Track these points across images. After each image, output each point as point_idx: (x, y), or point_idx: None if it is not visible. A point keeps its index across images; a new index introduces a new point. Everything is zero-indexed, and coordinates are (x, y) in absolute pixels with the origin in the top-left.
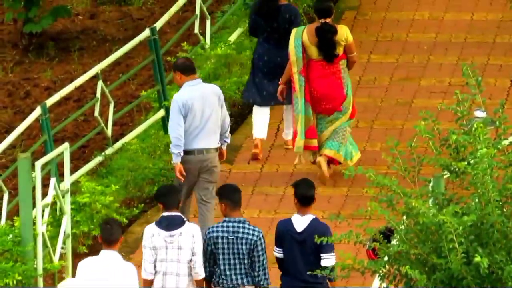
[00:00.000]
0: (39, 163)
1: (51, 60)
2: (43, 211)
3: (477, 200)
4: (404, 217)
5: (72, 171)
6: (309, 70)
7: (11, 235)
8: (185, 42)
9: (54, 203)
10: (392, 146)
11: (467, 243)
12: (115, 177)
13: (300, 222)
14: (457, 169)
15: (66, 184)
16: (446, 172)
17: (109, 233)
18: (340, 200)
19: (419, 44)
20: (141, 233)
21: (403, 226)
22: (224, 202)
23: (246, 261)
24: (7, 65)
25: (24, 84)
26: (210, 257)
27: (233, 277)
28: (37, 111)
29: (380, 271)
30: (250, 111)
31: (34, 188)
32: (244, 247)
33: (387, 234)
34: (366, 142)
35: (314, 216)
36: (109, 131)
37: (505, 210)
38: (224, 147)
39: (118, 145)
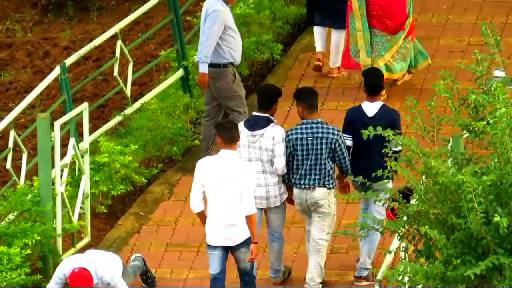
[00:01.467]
0: (58, 123)
1: (70, 20)
2: (62, 171)
3: (496, 159)
4: (423, 177)
5: (91, 131)
6: None
7: (30, 195)
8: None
9: (73, 163)
10: (411, 106)
11: (487, 203)
12: (134, 136)
13: (371, 108)
14: (476, 129)
15: (85, 144)
16: (465, 131)
17: (229, 133)
18: None
19: (438, 3)
20: (159, 193)
21: (422, 186)
22: (300, 105)
23: (324, 161)
24: (26, 25)
25: (43, 43)
26: (289, 160)
27: (310, 177)
28: (56, 71)
29: (399, 231)
30: (269, 71)
31: (53, 148)
32: (324, 146)
33: (406, 193)
34: (384, 101)
35: (383, 103)
36: (128, 91)
37: None
38: None
39: (137, 104)
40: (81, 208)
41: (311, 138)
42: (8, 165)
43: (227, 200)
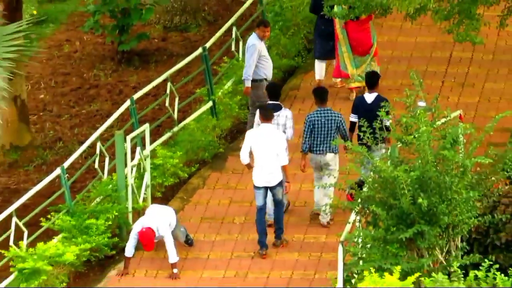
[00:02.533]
0: (129, 137)
1: (136, 69)
2: (132, 169)
3: (419, 161)
4: (371, 173)
5: (151, 143)
6: (348, 28)
7: (110, 185)
8: (226, 57)
9: (139, 164)
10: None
11: (413, 190)
12: (179, 146)
13: (369, 97)
14: (406, 141)
15: (147, 151)
16: (399, 142)
17: (266, 113)
18: None
19: (381, 58)
20: (196, 183)
21: (370, 179)
22: (316, 99)
23: (332, 135)
24: (107, 72)
25: (118, 84)
26: (308, 134)
27: (323, 146)
28: (127, 103)
29: (356, 209)
30: None
31: (126, 154)
32: (332, 124)
33: (360, 184)
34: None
35: (377, 93)
36: (175, 116)
37: (438, 168)
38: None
39: (181, 125)
40: (144, 194)
41: (324, 120)
42: (96, 165)
43: (267, 156)
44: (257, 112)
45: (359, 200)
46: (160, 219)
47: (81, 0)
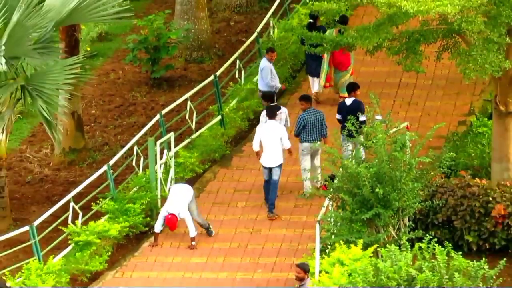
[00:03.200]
0: (159, 142)
1: (164, 91)
2: (160, 166)
3: (377, 160)
4: (340, 169)
5: (175, 146)
6: (334, 53)
7: (144, 178)
8: (231, 82)
9: (166, 162)
10: (335, 133)
11: (372, 182)
12: (196, 149)
13: (349, 101)
14: (367, 145)
15: (172, 153)
16: (361, 146)
17: (271, 113)
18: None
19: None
20: (209, 177)
21: (340, 173)
22: (302, 102)
23: (319, 128)
24: (142, 94)
25: (151, 103)
26: (302, 128)
27: (315, 136)
28: (157, 117)
29: (329, 196)
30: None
31: (156, 155)
32: (319, 120)
33: (332, 178)
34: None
35: (354, 98)
36: (193, 126)
37: (391, 165)
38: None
39: (197, 133)
40: (170, 184)
41: (313, 117)
42: (134, 163)
43: (272, 145)
44: (264, 112)
45: (332, 190)
46: (180, 204)
47: (124, 40)
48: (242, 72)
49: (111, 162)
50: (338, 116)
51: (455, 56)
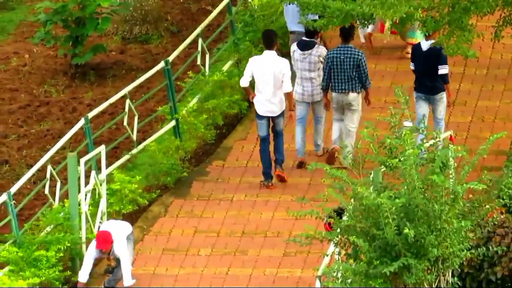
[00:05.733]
0: (83, 160)
1: (91, 84)
2: (86, 195)
3: (405, 187)
4: (352, 200)
5: (107, 166)
6: None
7: (62, 213)
8: (191, 71)
9: (94, 190)
10: (343, 147)
11: (398, 219)
12: (138, 170)
13: (425, 44)
14: (391, 165)
15: (103, 175)
16: (383, 166)
17: (268, 40)
18: (304, 187)
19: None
20: (157, 211)
21: (351, 206)
22: (340, 36)
23: (352, 74)
24: (59, 88)
25: (72, 102)
26: (327, 71)
27: (345, 85)
28: (81, 122)
29: (334, 240)
30: (238, 122)
31: (79, 178)
32: (352, 63)
33: (339, 212)
34: (324, 144)
35: (433, 41)
36: (134, 137)
37: (426, 195)
38: None
39: (141, 147)
40: (100, 222)
41: (343, 57)
42: (46, 191)
43: (270, 84)
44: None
45: (339, 230)
46: (116, 236)
47: (31, 9)
48: (207, 56)
49: (13, 189)
50: (412, 66)
51: None
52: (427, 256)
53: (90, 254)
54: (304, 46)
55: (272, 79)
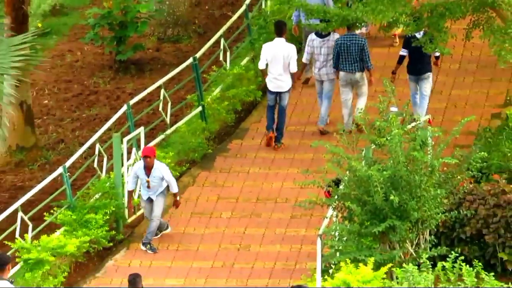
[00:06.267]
0: (125, 139)
1: (132, 77)
2: (128, 168)
3: (391, 161)
4: (347, 172)
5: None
6: None
7: (108, 183)
8: (214, 66)
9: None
10: (340, 129)
11: (386, 188)
12: (171, 147)
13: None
14: (379, 143)
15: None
16: (373, 144)
17: (279, 28)
18: (308, 161)
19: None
20: (186, 181)
21: (346, 177)
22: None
23: (358, 56)
24: (106, 80)
25: (116, 91)
26: (335, 54)
27: (352, 66)
28: (124, 108)
29: (333, 205)
30: (253, 108)
31: (122, 154)
32: (357, 47)
33: (337, 182)
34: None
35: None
36: (168, 120)
37: (409, 167)
38: None
39: (173, 128)
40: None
41: (349, 43)
42: (95, 164)
43: (279, 65)
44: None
45: (336, 197)
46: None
47: (82, 14)
48: (228, 53)
49: (68, 163)
50: (402, 52)
51: (487, 35)
52: (409, 218)
53: (133, 168)
54: (322, 34)
55: (281, 61)
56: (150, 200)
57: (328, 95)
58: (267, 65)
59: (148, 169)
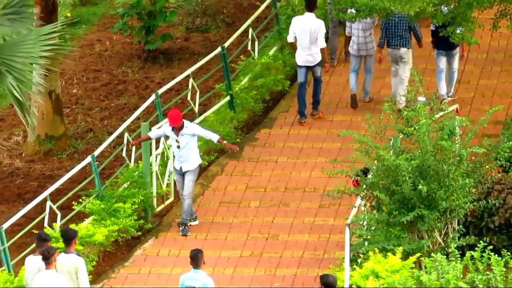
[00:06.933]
0: (154, 128)
1: (161, 66)
2: (156, 157)
3: (419, 151)
4: (376, 161)
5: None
6: None
7: (137, 172)
8: (242, 55)
9: (163, 153)
10: (368, 118)
11: (414, 177)
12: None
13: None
14: (407, 132)
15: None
16: (401, 134)
17: (309, 2)
18: (336, 151)
19: (384, 57)
20: (215, 171)
21: (375, 167)
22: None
23: (404, 33)
24: (134, 69)
25: (144, 80)
26: (384, 31)
27: (397, 41)
28: (153, 97)
29: (361, 194)
30: (281, 97)
31: (151, 144)
32: (405, 24)
33: (365, 172)
34: (352, 115)
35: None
36: (196, 109)
37: (437, 157)
38: None
39: (201, 117)
40: (168, 180)
41: (397, 20)
42: (124, 153)
43: (307, 39)
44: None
45: (365, 186)
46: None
47: (111, 4)
48: (256, 43)
49: (96, 152)
50: (433, 27)
51: None
52: (437, 208)
53: (163, 127)
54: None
55: (308, 35)
56: (182, 174)
57: (370, 69)
58: (296, 39)
59: (177, 129)
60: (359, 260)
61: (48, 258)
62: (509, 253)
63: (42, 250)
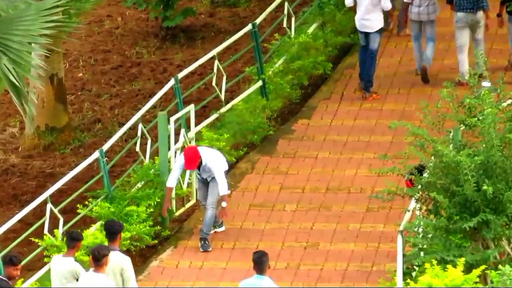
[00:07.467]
0: (173, 118)
1: (181, 46)
2: (176, 152)
3: (484, 145)
4: (432, 157)
5: (196, 124)
6: None
7: (153, 170)
8: (277, 33)
9: (183, 147)
10: (424, 107)
11: (477, 176)
12: (226, 128)
13: None
14: (470, 123)
15: (192, 133)
16: (462, 125)
17: None
18: (386, 144)
19: (443, 36)
20: (244, 168)
21: (431, 164)
22: None
23: None
24: (150, 50)
25: (162, 63)
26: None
27: (473, 3)
28: (172, 82)
29: (416, 196)
30: (322, 82)
31: (169, 136)
32: None
33: (420, 169)
34: (404, 104)
35: None
36: (222, 96)
37: (504, 152)
38: None
39: (228, 106)
40: (189, 179)
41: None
42: (137, 148)
43: (366, 1)
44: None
45: (419, 187)
46: (210, 152)
47: None
48: (293, 19)
49: (105, 146)
50: None
51: None
52: (505, 212)
53: (178, 163)
54: None
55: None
56: (205, 182)
57: (433, 37)
58: (355, 2)
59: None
60: (413, 274)
61: (98, 260)
62: None
63: (92, 249)
